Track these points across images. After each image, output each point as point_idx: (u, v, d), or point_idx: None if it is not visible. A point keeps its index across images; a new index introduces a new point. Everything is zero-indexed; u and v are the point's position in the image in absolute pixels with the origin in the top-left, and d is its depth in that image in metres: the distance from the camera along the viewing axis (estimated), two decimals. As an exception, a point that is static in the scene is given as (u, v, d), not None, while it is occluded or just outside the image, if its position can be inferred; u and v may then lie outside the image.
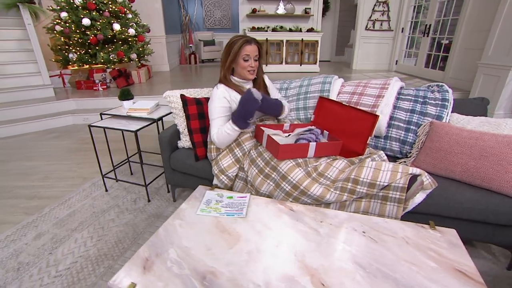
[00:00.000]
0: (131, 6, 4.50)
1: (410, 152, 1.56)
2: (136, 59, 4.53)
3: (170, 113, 1.84)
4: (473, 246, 1.49)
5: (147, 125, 1.79)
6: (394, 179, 1.16)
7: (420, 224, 1.05)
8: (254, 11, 5.81)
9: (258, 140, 1.48)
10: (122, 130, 1.76)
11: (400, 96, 1.66)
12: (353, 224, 1.05)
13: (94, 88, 4.19)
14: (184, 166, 1.67)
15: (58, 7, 3.88)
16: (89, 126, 1.84)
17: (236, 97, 1.48)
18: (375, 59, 6.03)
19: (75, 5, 3.85)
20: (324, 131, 1.55)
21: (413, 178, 1.18)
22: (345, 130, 1.52)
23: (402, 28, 5.62)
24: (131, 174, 2.31)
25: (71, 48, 3.97)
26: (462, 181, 1.34)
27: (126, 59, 4.30)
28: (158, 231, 1.06)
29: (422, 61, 5.08)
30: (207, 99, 1.65)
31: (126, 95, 2.00)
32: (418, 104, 1.60)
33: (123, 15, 4.26)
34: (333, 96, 1.74)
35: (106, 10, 4.01)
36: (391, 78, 1.72)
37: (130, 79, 4.54)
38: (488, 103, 1.60)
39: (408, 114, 1.59)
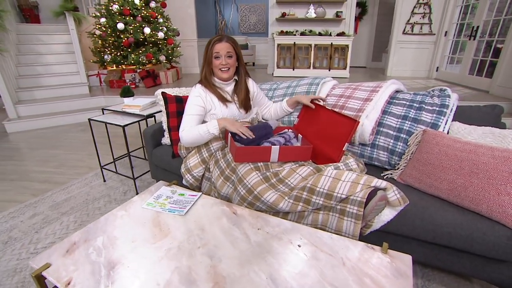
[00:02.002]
0: (163, 11, 4.79)
1: (399, 164, 1.38)
2: (165, 61, 4.79)
3: (160, 111, 1.89)
4: (468, 281, 1.25)
5: (136, 121, 1.86)
6: (353, 192, 1.02)
7: (372, 245, 0.90)
8: (283, 15, 5.76)
9: (225, 141, 1.44)
10: (112, 125, 1.85)
11: (393, 101, 1.49)
12: (293, 235, 0.95)
13: (124, 87, 4.53)
14: (163, 162, 1.69)
15: (99, 14, 4.29)
16: (89, 119, 1.98)
17: (212, 99, 1.45)
18: (413, 66, 5.54)
19: (112, 11, 4.23)
20: (299, 135, 1.45)
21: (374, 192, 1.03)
22: (325, 135, 1.41)
23: (446, 32, 5.08)
24: (132, 167, 2.42)
25: (106, 50, 4.35)
26: (449, 201, 1.13)
27: (154, 60, 4.57)
28: (99, 219, 1.08)
29: (467, 67, 4.52)
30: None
31: (126, 92, 2.12)
32: (412, 110, 1.41)
33: (155, 19, 4.55)
34: (319, 99, 1.62)
35: (139, 15, 4.33)
36: (387, 81, 1.55)
37: (158, 79, 4.81)
38: (501, 111, 1.35)
39: (400, 120, 1.41)
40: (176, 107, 1.63)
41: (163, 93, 1.65)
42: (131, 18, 4.29)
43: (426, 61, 5.45)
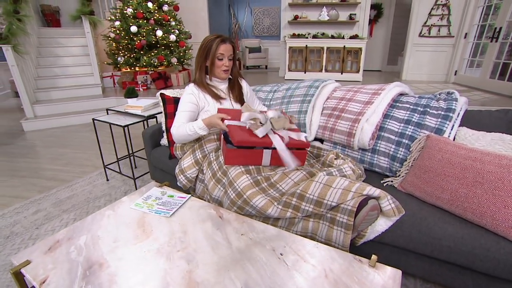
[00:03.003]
0: (176, 14, 4.87)
1: (400, 171, 1.31)
2: (176, 63, 4.86)
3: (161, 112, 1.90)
4: (474, 300, 1.15)
5: (137, 122, 1.87)
6: (343, 200, 0.97)
7: (360, 257, 0.84)
8: (296, 17, 5.72)
9: (219, 143, 1.41)
10: (115, 125, 1.87)
11: (396, 104, 1.41)
12: (277, 243, 0.91)
13: (136, 88, 4.63)
14: (160, 163, 1.69)
15: (114, 17, 4.42)
16: (93, 119, 2.01)
17: (206, 96, 1.45)
18: (429, 69, 5.33)
19: (127, 15, 4.34)
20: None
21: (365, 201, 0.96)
22: None
23: (466, 34, 4.86)
24: (135, 167, 2.45)
25: (120, 52, 4.47)
26: (451, 212, 1.05)
27: (166, 62, 4.65)
28: (86, 218, 1.08)
29: (488, 71, 4.30)
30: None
31: (130, 93, 2.15)
32: (415, 114, 1.33)
33: (167, 22, 4.64)
34: (318, 101, 1.57)
35: (152, 19, 4.42)
36: (390, 84, 1.48)
37: (169, 81, 4.89)
38: (515, 117, 1.25)
39: (402, 125, 1.34)
40: (174, 108, 1.63)
41: (161, 94, 1.66)
42: (144, 21, 4.39)
43: (443, 64, 5.23)
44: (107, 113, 2.14)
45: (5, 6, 3.74)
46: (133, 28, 4.27)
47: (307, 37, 5.65)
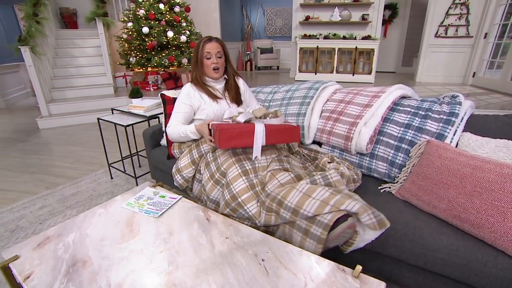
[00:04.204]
0: (187, 16, 4.93)
1: (399, 177, 1.26)
2: (186, 64, 4.92)
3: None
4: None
5: (139, 122, 1.90)
6: (320, 212, 0.92)
7: (344, 267, 0.81)
8: (307, 18, 5.66)
9: (215, 141, 1.40)
10: (118, 124, 1.91)
11: (397, 107, 1.36)
12: (260, 248, 0.89)
13: (146, 88, 4.73)
14: (159, 162, 1.71)
15: (127, 19, 4.53)
16: (98, 119, 2.06)
17: (202, 96, 1.48)
18: (445, 71, 5.14)
19: (139, 16, 4.44)
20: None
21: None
22: None
23: (486, 33, 4.65)
24: (139, 166, 2.49)
25: (132, 53, 4.57)
26: (448, 223, 1.00)
27: (176, 63, 4.71)
28: (78, 215, 1.10)
29: (509, 72, 4.09)
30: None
31: (135, 93, 2.18)
32: (416, 118, 1.28)
33: (178, 23, 4.70)
34: (318, 103, 1.54)
35: (163, 20, 4.50)
36: (392, 86, 1.43)
37: (179, 81, 4.95)
38: (524, 123, 1.17)
39: (402, 129, 1.29)
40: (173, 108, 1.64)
41: (161, 95, 1.67)
42: (156, 22, 4.47)
43: (461, 66, 5.02)
44: (112, 113, 2.19)
45: (26, 9, 3.91)
46: (145, 29, 4.36)
47: (318, 38, 5.58)
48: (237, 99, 1.53)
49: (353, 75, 5.57)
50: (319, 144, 1.56)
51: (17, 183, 2.27)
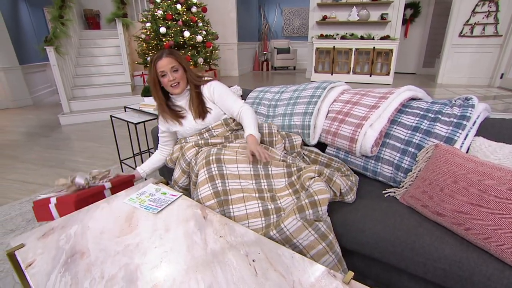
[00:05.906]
0: (203, 16, 5.00)
1: (404, 181, 1.21)
2: (202, 64, 4.99)
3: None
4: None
5: (149, 120, 1.95)
6: (297, 235, 0.96)
7: (334, 272, 0.79)
8: (324, 18, 5.58)
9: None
10: (129, 122, 1.97)
11: (406, 109, 1.31)
12: (252, 248, 0.88)
13: (163, 87, 4.84)
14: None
15: (145, 19, 4.66)
16: (111, 116, 2.14)
17: (171, 119, 1.46)
18: (470, 72, 4.88)
19: (157, 16, 4.55)
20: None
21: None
22: None
23: (515, 33, 4.38)
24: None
25: (150, 52, 4.69)
26: (453, 232, 0.95)
27: (192, 62, 4.79)
28: (82, 209, 1.15)
29: (539, 75, 3.83)
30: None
31: (147, 92, 2.24)
32: (425, 121, 1.22)
33: (194, 23, 4.78)
34: (324, 104, 1.51)
35: (180, 20, 4.58)
36: (401, 87, 1.38)
37: (194, 81, 5.03)
38: (544, 128, 1.09)
39: (409, 132, 1.24)
40: (179, 107, 1.66)
41: (169, 93, 1.71)
42: (173, 22, 4.56)
43: (487, 66, 4.76)
44: (125, 111, 2.26)
45: (53, 11, 4.13)
46: (162, 29, 4.46)
47: (335, 38, 5.49)
48: (200, 112, 1.44)
49: (370, 76, 5.42)
50: (324, 145, 1.53)
51: (37, 175, 2.40)
